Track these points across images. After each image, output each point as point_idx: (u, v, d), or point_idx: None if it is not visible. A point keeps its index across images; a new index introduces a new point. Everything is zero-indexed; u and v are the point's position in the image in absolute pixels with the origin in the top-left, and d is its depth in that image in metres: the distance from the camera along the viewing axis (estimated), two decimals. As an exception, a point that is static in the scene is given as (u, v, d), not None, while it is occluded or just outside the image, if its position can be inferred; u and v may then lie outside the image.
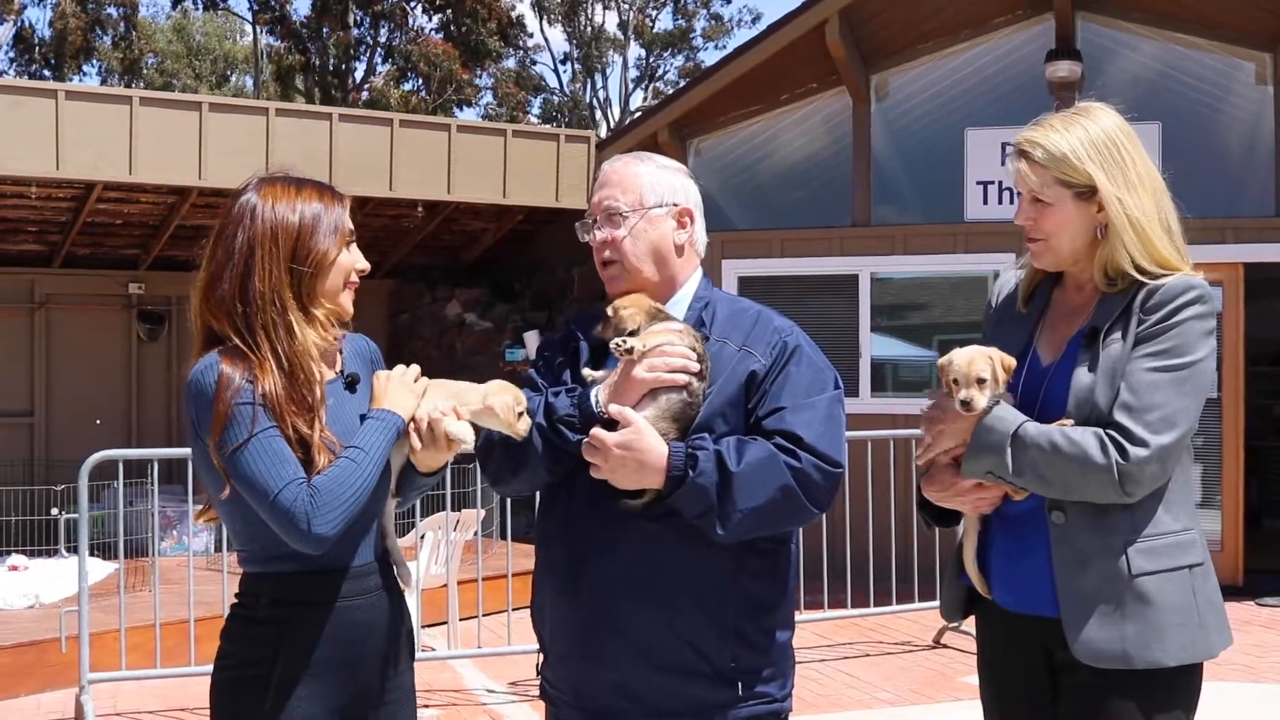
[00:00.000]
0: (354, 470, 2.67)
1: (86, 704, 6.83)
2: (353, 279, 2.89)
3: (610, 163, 3.05)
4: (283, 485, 2.61)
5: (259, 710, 2.69)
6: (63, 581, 8.98)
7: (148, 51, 38.01)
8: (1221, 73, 11.14)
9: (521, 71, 38.28)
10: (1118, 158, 2.81)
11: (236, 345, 2.73)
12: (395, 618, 2.88)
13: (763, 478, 2.75)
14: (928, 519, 3.07)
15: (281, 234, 2.77)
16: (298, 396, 2.71)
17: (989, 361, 2.80)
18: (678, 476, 2.73)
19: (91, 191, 11.37)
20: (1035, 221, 2.87)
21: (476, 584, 8.16)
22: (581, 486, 2.85)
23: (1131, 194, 2.80)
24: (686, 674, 2.82)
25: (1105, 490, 2.68)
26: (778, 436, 2.81)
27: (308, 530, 2.60)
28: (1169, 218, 2.85)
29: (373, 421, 2.77)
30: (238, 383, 2.67)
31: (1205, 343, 2.77)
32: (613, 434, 2.75)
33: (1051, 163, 2.82)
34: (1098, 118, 2.87)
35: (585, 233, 3.04)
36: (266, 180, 2.86)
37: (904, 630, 9.17)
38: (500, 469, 2.96)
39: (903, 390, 11.38)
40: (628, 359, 2.81)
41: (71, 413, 13.36)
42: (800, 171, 12.06)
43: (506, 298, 14.58)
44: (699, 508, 2.74)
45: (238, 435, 2.65)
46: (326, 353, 2.84)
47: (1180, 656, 2.72)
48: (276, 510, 2.61)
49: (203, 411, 2.69)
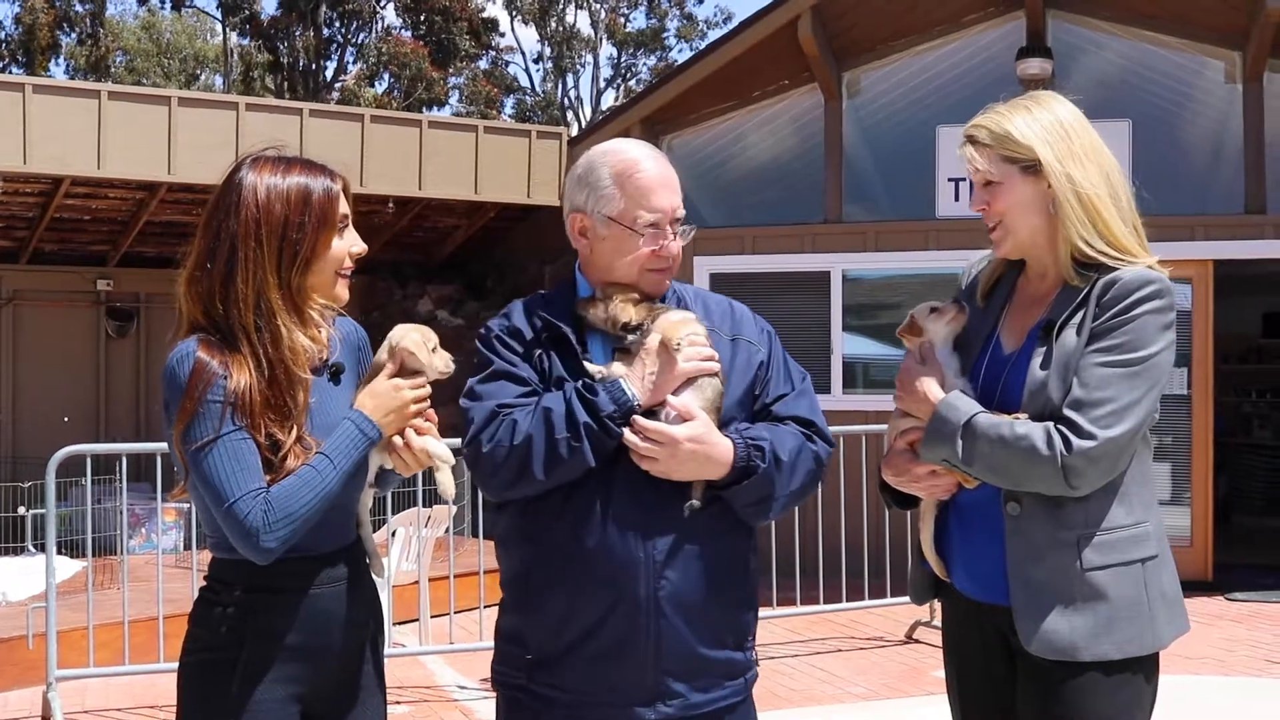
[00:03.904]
0: (314, 480, 2.61)
1: (54, 701, 6.77)
2: (346, 265, 2.80)
3: (658, 159, 2.95)
4: (239, 495, 2.55)
5: (226, 694, 2.65)
6: (29, 579, 8.90)
7: (116, 49, 37.78)
8: (1192, 71, 11.22)
9: (494, 71, 38.20)
10: (1061, 132, 2.83)
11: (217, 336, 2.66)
12: (366, 607, 2.85)
13: (800, 464, 2.90)
14: (889, 500, 3.12)
15: (266, 229, 2.66)
16: (278, 402, 2.64)
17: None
18: (746, 467, 2.81)
19: (59, 186, 11.27)
20: (989, 205, 2.89)
21: (448, 580, 8.13)
22: (621, 482, 2.80)
23: (1077, 166, 2.81)
24: (722, 649, 2.92)
25: (1050, 483, 2.70)
26: (790, 422, 2.94)
27: (256, 544, 2.56)
28: (1120, 193, 2.85)
29: (348, 427, 2.70)
30: (210, 375, 2.59)
31: (1162, 336, 2.76)
32: (681, 428, 2.77)
33: (995, 141, 2.85)
34: (1044, 102, 2.91)
35: (664, 239, 2.91)
36: (255, 161, 2.74)
37: (876, 625, 9.18)
38: (516, 472, 2.78)
39: (873, 387, 11.39)
40: (670, 352, 2.82)
41: (39, 410, 13.26)
42: (772, 168, 12.06)
43: (478, 295, 14.54)
44: (757, 495, 2.86)
45: (202, 433, 2.58)
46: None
47: (1127, 650, 2.75)
48: (230, 518, 2.56)
49: (173, 399, 2.62)
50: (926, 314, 2.97)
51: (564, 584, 2.80)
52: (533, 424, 2.75)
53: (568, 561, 2.79)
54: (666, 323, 2.86)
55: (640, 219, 2.88)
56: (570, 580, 2.80)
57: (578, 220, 2.95)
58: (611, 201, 2.89)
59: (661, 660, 2.80)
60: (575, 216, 2.95)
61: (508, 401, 2.81)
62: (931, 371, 2.90)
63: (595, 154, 2.97)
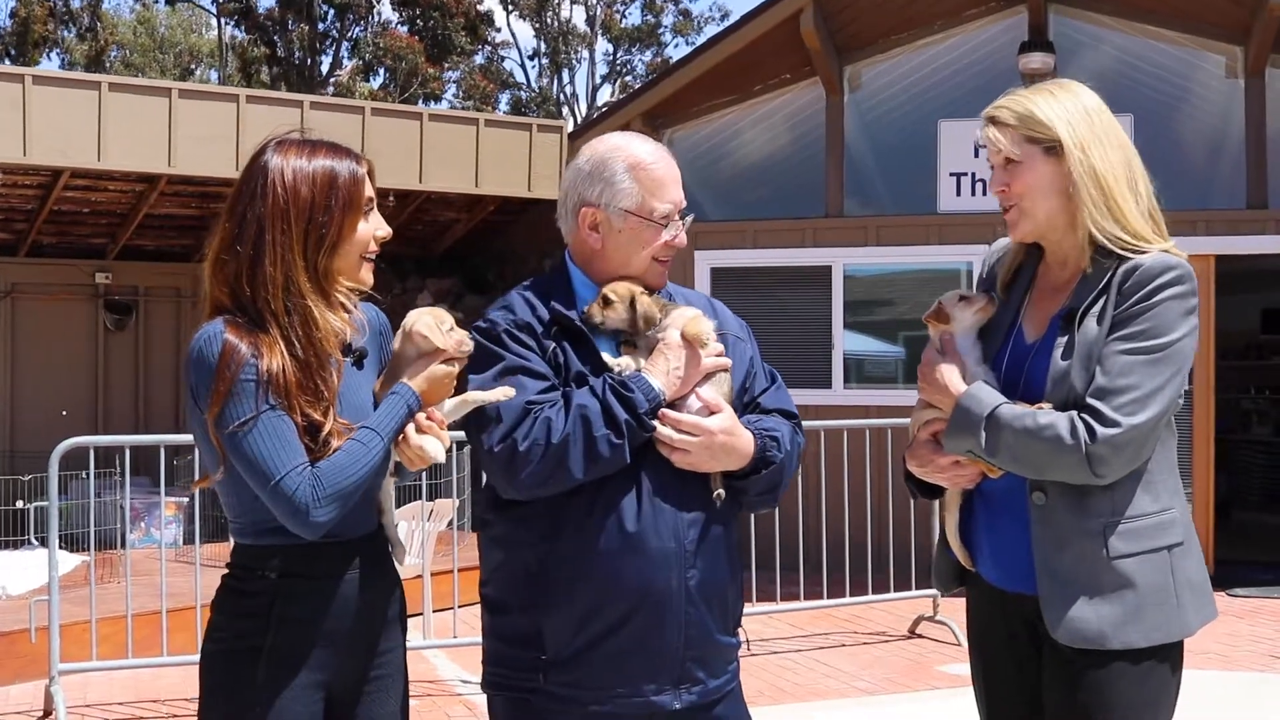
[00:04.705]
0: (362, 454, 2.61)
1: (57, 695, 6.74)
2: (372, 248, 2.78)
3: (666, 154, 2.99)
4: (286, 471, 2.54)
5: (251, 682, 2.63)
6: (30, 573, 8.87)
7: (112, 43, 37.68)
8: (1193, 65, 11.22)
9: (489, 67, 38.15)
10: (1084, 117, 2.85)
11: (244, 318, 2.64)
12: (389, 594, 2.84)
13: (795, 452, 3.03)
14: (914, 489, 3.13)
15: (293, 211, 2.64)
16: (310, 384, 2.62)
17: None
18: (766, 458, 2.91)
19: (59, 179, 11.22)
20: (1008, 186, 2.89)
21: (451, 575, 8.11)
22: (650, 475, 2.83)
23: (1098, 150, 2.81)
24: (730, 635, 2.99)
25: (1075, 471, 2.70)
26: (776, 414, 3.05)
27: (306, 519, 2.55)
28: (1139, 182, 2.86)
29: (394, 399, 2.69)
30: (242, 356, 2.56)
31: (1184, 322, 2.75)
32: (713, 419, 2.84)
33: (1019, 120, 2.86)
34: (1069, 87, 2.92)
35: (677, 230, 2.98)
36: (280, 144, 2.71)
37: (879, 620, 9.17)
38: (551, 470, 2.75)
39: (874, 382, 11.38)
40: (696, 347, 2.88)
41: (37, 404, 13.21)
42: (774, 163, 12.04)
43: (478, 289, 14.50)
44: (770, 484, 2.96)
45: (240, 413, 2.55)
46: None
47: (1154, 637, 2.76)
48: (278, 496, 2.54)
49: (203, 383, 2.58)
50: (955, 301, 2.96)
51: (589, 579, 2.79)
52: (569, 422, 2.74)
53: (596, 556, 2.78)
54: (683, 318, 2.92)
55: (656, 211, 2.93)
56: (597, 574, 2.78)
57: (589, 215, 2.94)
58: (629, 195, 2.91)
59: (688, 648, 2.84)
60: (586, 211, 2.94)
61: (535, 399, 2.79)
62: (952, 362, 2.90)
63: (603, 149, 2.98)
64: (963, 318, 2.95)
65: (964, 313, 2.95)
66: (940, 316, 2.96)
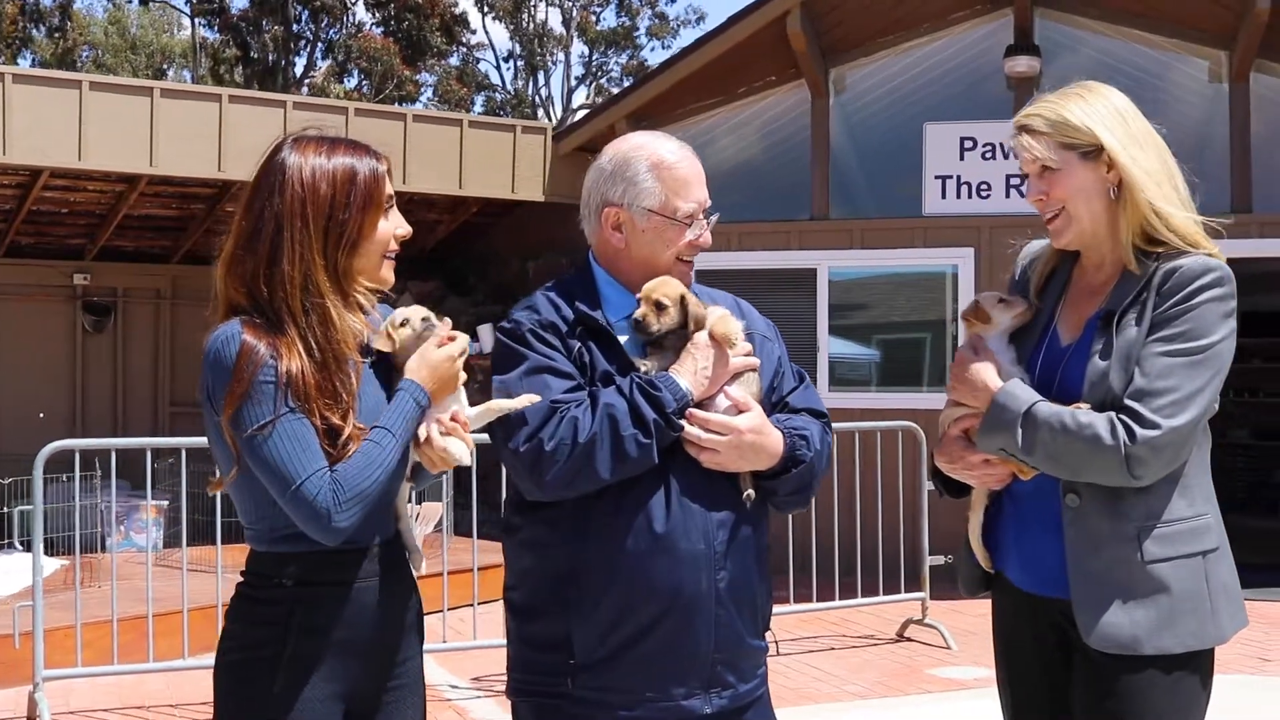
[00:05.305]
0: (377, 454, 2.54)
1: (40, 701, 6.65)
2: (392, 247, 2.73)
3: (689, 152, 2.99)
4: (307, 476, 2.47)
5: (268, 692, 2.56)
6: (10, 577, 8.75)
7: (83, 43, 37.40)
8: (1178, 69, 11.25)
9: (465, 69, 38.03)
10: (1119, 117, 2.83)
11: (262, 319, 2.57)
12: (407, 601, 2.77)
13: (825, 451, 2.99)
14: (940, 487, 3.09)
15: (312, 209, 2.58)
16: (329, 387, 2.56)
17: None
18: (796, 456, 2.88)
19: (38, 178, 11.09)
20: (1047, 194, 2.86)
21: (441, 579, 8.04)
22: (678, 476, 2.79)
23: (1137, 150, 2.79)
24: (759, 638, 2.95)
25: (1112, 473, 2.67)
26: (805, 413, 3.01)
27: (328, 525, 2.49)
28: (1177, 180, 2.84)
29: (404, 397, 2.63)
30: (260, 357, 2.50)
31: (1224, 325, 2.74)
32: (742, 419, 2.81)
33: (1052, 127, 2.83)
34: (1096, 89, 2.90)
35: (702, 229, 2.98)
36: (297, 141, 2.65)
37: (867, 624, 9.15)
38: (578, 471, 2.71)
39: (860, 385, 11.36)
40: (725, 348, 2.86)
41: (14, 406, 13.01)
42: (759, 165, 12.01)
43: (461, 291, 14.42)
44: (800, 484, 2.92)
45: (258, 416, 2.49)
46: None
47: (1189, 643, 2.72)
48: (298, 501, 2.48)
49: (219, 384, 2.52)
50: (995, 303, 2.94)
51: (620, 581, 2.75)
52: (596, 421, 2.71)
53: (625, 558, 2.74)
54: (711, 318, 2.90)
55: (680, 210, 2.91)
56: (627, 577, 2.74)
57: (612, 215, 2.93)
58: (652, 194, 2.91)
59: (718, 651, 2.80)
60: (609, 211, 2.93)
61: (561, 398, 2.75)
62: (986, 361, 2.86)
63: (626, 148, 2.97)
64: (1001, 319, 2.93)
65: (1003, 315, 2.93)
66: (980, 315, 2.93)
